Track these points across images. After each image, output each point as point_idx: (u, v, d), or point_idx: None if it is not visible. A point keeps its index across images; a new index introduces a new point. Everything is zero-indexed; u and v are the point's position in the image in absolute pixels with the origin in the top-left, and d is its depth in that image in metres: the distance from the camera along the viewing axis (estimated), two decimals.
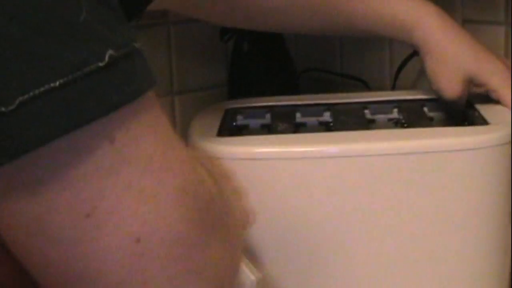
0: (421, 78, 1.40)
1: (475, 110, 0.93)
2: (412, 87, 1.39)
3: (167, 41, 1.52)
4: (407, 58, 1.38)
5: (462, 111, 0.95)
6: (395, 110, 0.97)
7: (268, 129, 0.94)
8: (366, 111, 0.96)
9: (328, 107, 0.97)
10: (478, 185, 0.83)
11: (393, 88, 1.38)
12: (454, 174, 0.82)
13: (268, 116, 0.96)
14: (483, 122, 0.89)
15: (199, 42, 1.57)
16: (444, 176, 0.82)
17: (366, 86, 1.46)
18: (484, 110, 0.92)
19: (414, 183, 0.82)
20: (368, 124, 0.92)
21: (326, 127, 0.95)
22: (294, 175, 0.82)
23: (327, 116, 0.96)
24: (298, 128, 0.95)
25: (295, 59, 1.56)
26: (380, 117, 0.96)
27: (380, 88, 1.45)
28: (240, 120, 0.97)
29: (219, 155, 0.83)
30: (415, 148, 0.82)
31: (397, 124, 0.95)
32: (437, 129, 0.90)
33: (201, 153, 0.84)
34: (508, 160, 0.84)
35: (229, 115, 0.96)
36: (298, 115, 0.97)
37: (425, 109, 0.96)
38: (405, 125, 0.93)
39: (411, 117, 0.93)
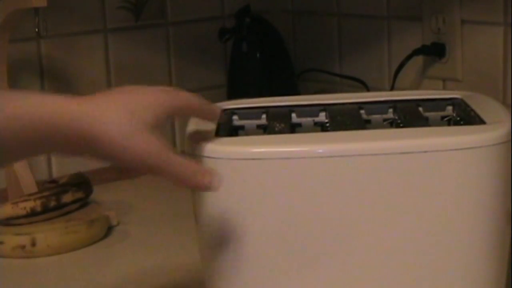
0: (420, 78, 1.40)
1: (471, 109, 0.93)
2: (411, 87, 1.39)
3: (166, 41, 1.52)
4: (406, 59, 1.38)
5: (458, 111, 0.95)
6: (390, 110, 0.97)
7: (264, 130, 0.95)
8: (362, 112, 0.96)
9: (324, 107, 0.97)
10: (475, 185, 0.83)
11: (392, 88, 1.38)
12: (452, 174, 0.82)
13: (263, 116, 0.96)
14: (480, 121, 0.88)
15: (198, 43, 1.57)
16: (441, 176, 0.82)
17: (365, 87, 1.46)
18: (480, 109, 0.92)
19: (411, 183, 0.82)
20: (363, 124, 0.92)
21: (322, 128, 0.95)
22: (291, 175, 0.82)
23: (322, 117, 0.96)
24: (294, 128, 0.95)
25: (294, 60, 1.57)
26: (376, 117, 0.96)
27: (379, 88, 1.45)
28: (235, 120, 0.97)
29: (218, 155, 0.83)
30: (411, 147, 0.82)
31: (392, 124, 0.95)
32: (434, 128, 0.90)
33: (200, 152, 0.84)
34: (506, 159, 0.84)
35: (225, 115, 0.96)
36: (293, 115, 0.97)
37: (420, 109, 0.96)
38: (401, 125, 0.92)
39: (407, 117, 0.93)
